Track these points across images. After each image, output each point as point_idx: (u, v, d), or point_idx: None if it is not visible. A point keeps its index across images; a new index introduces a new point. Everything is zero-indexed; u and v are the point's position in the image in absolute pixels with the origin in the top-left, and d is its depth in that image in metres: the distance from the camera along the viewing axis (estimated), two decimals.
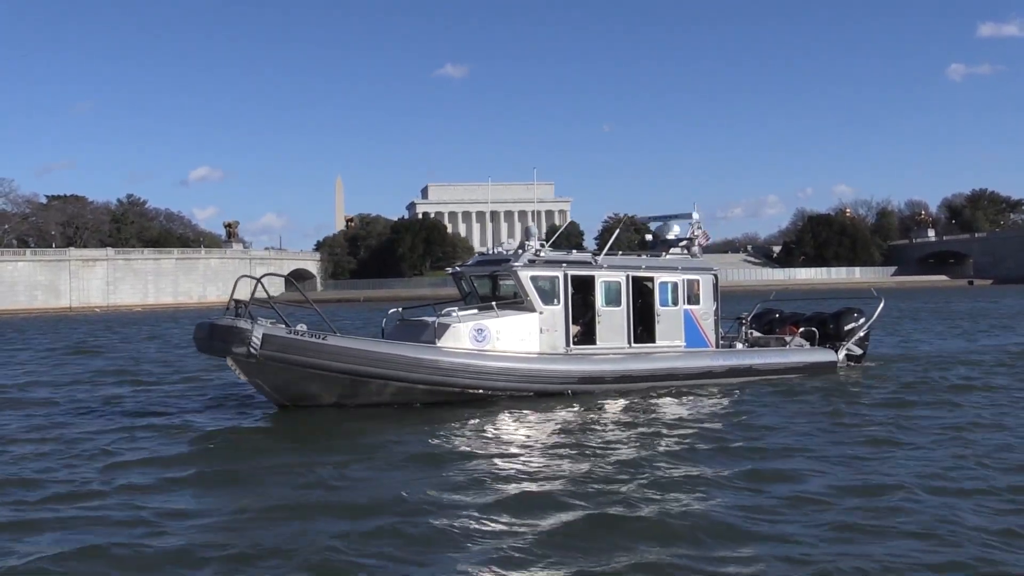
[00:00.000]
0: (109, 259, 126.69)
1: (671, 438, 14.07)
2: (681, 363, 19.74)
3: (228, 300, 16.73)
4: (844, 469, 11.63)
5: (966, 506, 9.70)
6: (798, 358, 21.61)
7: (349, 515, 9.78)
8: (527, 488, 10.83)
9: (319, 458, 12.85)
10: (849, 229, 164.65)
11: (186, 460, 13.12)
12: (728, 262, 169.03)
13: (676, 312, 20.22)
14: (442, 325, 17.53)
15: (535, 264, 18.64)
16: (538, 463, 12.31)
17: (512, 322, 18.05)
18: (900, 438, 13.70)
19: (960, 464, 11.69)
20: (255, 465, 12.64)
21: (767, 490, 10.61)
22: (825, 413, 16.21)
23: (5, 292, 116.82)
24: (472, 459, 12.71)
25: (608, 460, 12.38)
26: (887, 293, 28.94)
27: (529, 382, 17.85)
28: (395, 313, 20.13)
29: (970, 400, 17.63)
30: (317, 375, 16.42)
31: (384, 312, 20.68)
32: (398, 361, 16.74)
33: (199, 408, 18.30)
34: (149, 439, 14.85)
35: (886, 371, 22.45)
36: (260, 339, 15.71)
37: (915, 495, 10.13)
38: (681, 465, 12.07)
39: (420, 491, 10.72)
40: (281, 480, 11.70)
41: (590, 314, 19.29)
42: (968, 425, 14.59)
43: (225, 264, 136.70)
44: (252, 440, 15.20)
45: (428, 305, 20.92)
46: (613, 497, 10.29)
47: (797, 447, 13.20)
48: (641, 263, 20.31)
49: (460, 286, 20.69)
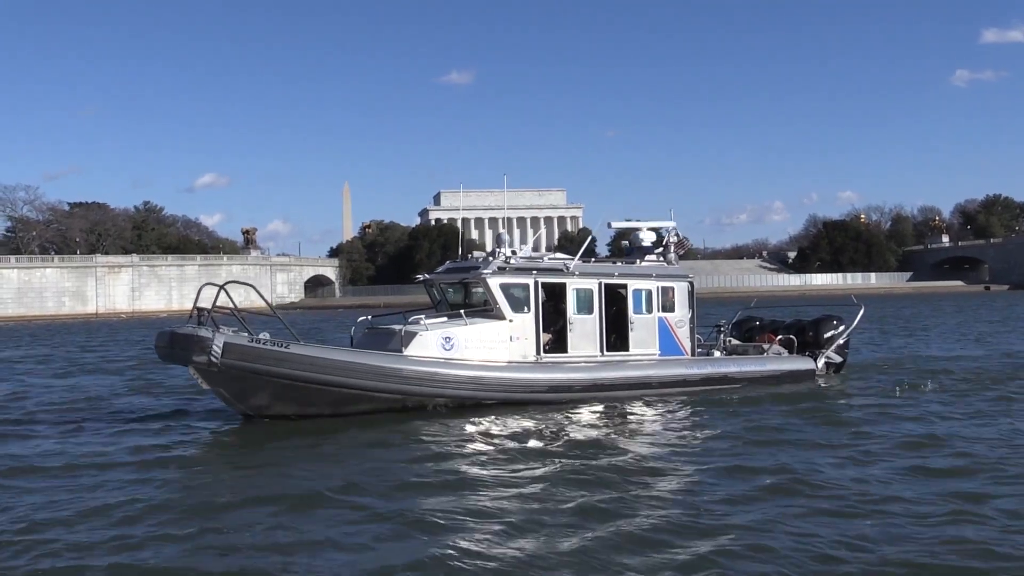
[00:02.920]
0: (134, 265, 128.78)
1: (636, 447, 13.90)
2: (654, 371, 19.40)
3: (191, 308, 16.37)
4: (811, 483, 11.26)
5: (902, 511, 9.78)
6: (775, 366, 21.19)
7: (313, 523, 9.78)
8: (483, 500, 10.66)
9: (278, 478, 12.37)
10: (864, 235, 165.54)
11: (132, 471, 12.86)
12: (743, 268, 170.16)
13: (650, 320, 19.85)
14: (409, 333, 17.22)
15: (505, 271, 18.28)
16: (498, 473, 12.15)
17: (480, 330, 17.71)
18: (863, 448, 13.52)
19: (905, 478, 11.46)
20: (207, 484, 12.22)
21: (723, 496, 10.54)
22: (791, 421, 15.98)
23: (34, 298, 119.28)
24: (433, 469, 12.48)
25: (567, 469, 12.23)
26: (905, 299, 29.16)
27: (497, 391, 17.52)
28: (364, 321, 19.81)
29: (931, 410, 17.17)
30: (280, 384, 16.03)
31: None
32: (361, 370, 16.39)
33: (146, 416, 18.17)
34: (102, 444, 15.13)
35: (865, 379, 22.13)
36: (221, 347, 15.36)
37: (857, 500, 10.24)
38: (641, 474, 11.91)
39: (378, 495, 10.85)
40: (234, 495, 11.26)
41: (561, 322, 18.86)
42: (926, 439, 14.09)
43: (246, 270, 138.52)
44: (208, 455, 14.83)
45: (399, 313, 20.24)
46: (572, 507, 10.16)
47: (750, 457, 13.00)
48: (614, 270, 20.00)
49: (431, 294, 20.34)
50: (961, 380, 21.77)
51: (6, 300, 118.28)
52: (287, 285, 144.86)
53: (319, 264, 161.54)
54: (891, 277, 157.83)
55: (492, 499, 10.74)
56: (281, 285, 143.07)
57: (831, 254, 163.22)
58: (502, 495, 10.92)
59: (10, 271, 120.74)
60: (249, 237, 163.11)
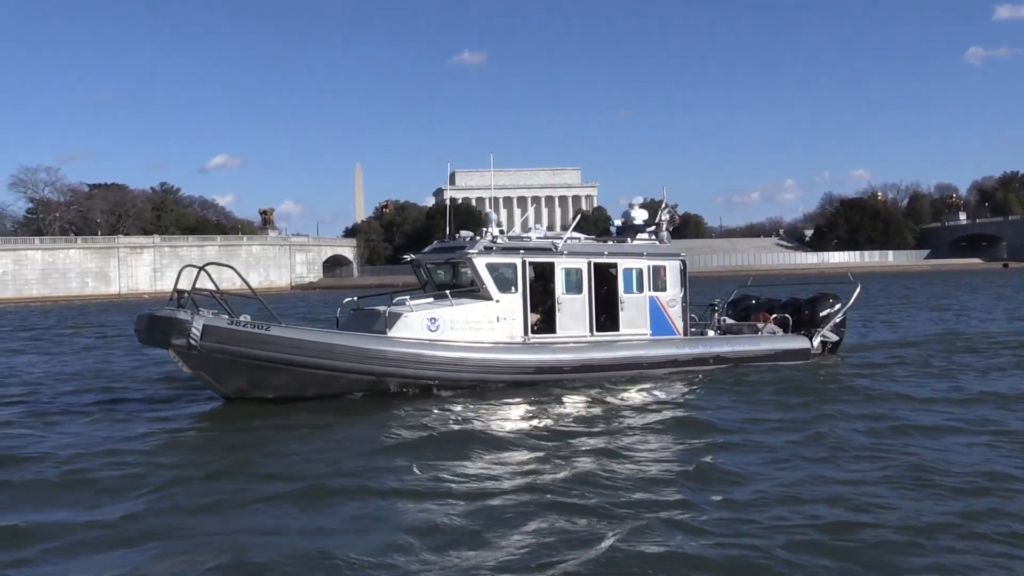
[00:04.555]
0: (156, 246, 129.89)
1: (626, 427, 13.84)
2: (645, 351, 19.17)
3: (171, 290, 16.07)
4: (796, 469, 11.01)
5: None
6: (769, 345, 20.89)
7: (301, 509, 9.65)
8: (471, 485, 10.55)
9: (263, 462, 12.20)
10: (882, 213, 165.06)
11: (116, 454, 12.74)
12: (761, 246, 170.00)
13: (641, 299, 19.59)
14: (393, 314, 17.01)
15: (491, 251, 18.02)
16: (484, 457, 11.99)
17: (466, 311, 17.49)
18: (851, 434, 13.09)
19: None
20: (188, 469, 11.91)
21: (713, 487, 10.31)
22: (778, 404, 15.67)
23: (58, 279, 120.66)
24: (419, 454, 12.20)
25: (555, 452, 12.13)
26: (923, 276, 28.90)
27: (483, 372, 17.32)
28: (350, 302, 19.64)
29: (916, 389, 17.03)
30: (261, 366, 15.86)
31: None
32: (344, 352, 16.14)
33: (138, 399, 18.00)
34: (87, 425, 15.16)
35: (862, 358, 22.02)
36: (200, 330, 15.16)
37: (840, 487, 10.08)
38: (625, 460, 11.68)
39: (361, 478, 10.76)
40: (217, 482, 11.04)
41: (550, 302, 18.63)
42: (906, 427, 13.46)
43: (266, 251, 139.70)
44: (190, 439, 14.63)
45: (386, 294, 19.87)
46: (562, 491, 10.04)
47: (739, 440, 12.82)
48: (604, 249, 19.70)
49: (418, 274, 19.89)
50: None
51: (31, 281, 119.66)
52: (306, 265, 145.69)
53: (337, 244, 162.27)
54: (909, 255, 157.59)
55: (473, 482, 10.57)
56: (300, 265, 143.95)
57: (848, 232, 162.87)
58: (483, 478, 10.76)
59: (35, 252, 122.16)
60: (267, 217, 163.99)
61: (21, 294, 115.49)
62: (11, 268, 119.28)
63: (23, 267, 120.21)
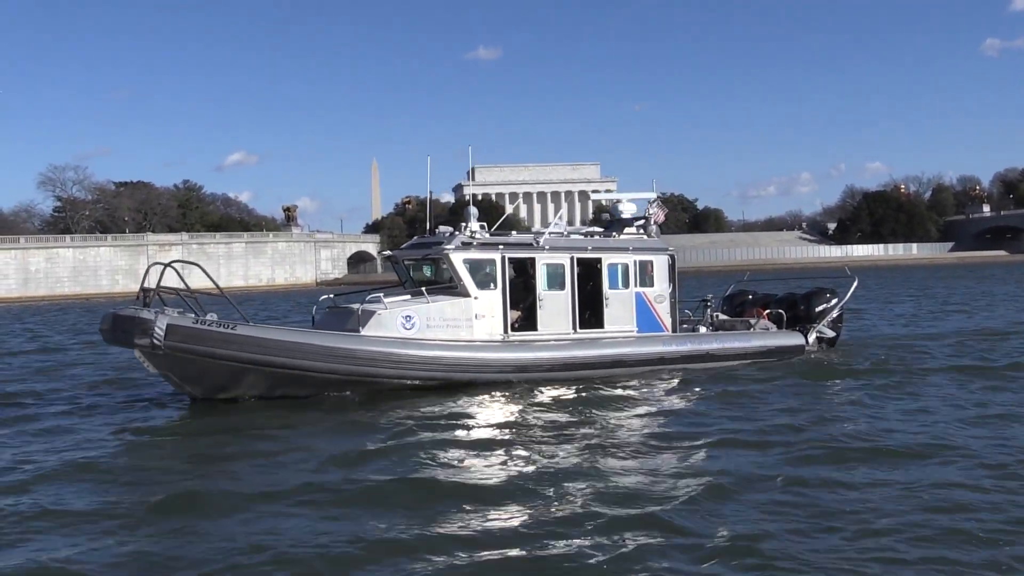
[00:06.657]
0: (184, 243, 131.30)
1: (605, 428, 13.63)
2: (630, 349, 18.64)
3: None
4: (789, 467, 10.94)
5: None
6: (762, 342, 20.31)
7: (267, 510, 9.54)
8: (451, 484, 10.46)
9: (228, 463, 12.09)
10: (906, 206, 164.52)
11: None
12: (783, 240, 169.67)
13: (627, 295, 19.04)
14: (366, 312, 16.64)
15: (469, 247, 17.58)
16: (458, 460, 11.82)
17: (443, 308, 17.08)
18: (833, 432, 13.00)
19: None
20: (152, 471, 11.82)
21: (692, 481, 10.25)
22: (764, 403, 15.39)
23: (89, 276, 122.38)
24: (391, 457, 12.02)
25: (534, 453, 11.99)
26: (948, 269, 28.26)
27: (460, 371, 16.91)
28: (326, 300, 19.40)
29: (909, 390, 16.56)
30: (229, 367, 15.53)
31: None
32: (313, 351, 15.75)
33: (102, 402, 17.58)
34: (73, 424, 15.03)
35: (858, 353, 21.48)
36: (164, 329, 14.81)
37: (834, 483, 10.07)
38: (604, 456, 11.64)
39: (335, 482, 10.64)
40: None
41: (531, 298, 18.15)
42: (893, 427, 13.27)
43: (291, 248, 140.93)
44: (157, 440, 14.35)
45: (362, 291, 19.46)
46: (540, 493, 9.93)
47: (723, 436, 12.77)
48: (588, 244, 19.17)
49: (397, 271, 19.57)
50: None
51: (62, 279, 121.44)
52: (331, 261, 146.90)
53: (361, 240, 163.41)
54: (933, 247, 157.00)
55: (451, 487, 10.42)
56: (325, 261, 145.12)
57: (871, 225, 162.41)
58: (457, 482, 10.63)
59: (66, 250, 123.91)
60: (290, 214, 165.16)
61: (53, 291, 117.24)
62: (43, 266, 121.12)
63: (55, 265, 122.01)
